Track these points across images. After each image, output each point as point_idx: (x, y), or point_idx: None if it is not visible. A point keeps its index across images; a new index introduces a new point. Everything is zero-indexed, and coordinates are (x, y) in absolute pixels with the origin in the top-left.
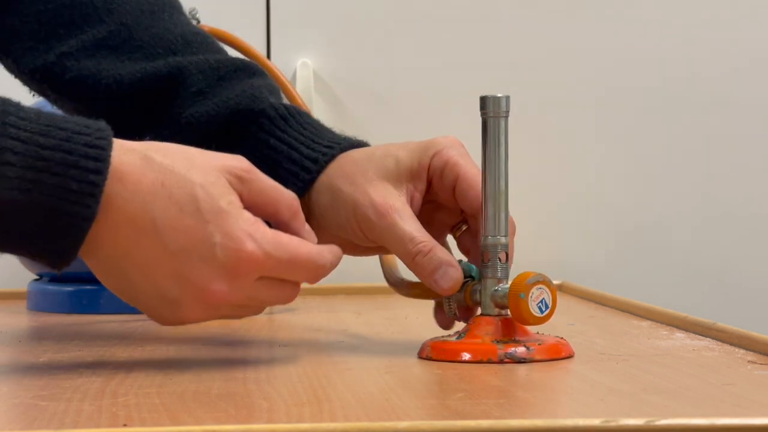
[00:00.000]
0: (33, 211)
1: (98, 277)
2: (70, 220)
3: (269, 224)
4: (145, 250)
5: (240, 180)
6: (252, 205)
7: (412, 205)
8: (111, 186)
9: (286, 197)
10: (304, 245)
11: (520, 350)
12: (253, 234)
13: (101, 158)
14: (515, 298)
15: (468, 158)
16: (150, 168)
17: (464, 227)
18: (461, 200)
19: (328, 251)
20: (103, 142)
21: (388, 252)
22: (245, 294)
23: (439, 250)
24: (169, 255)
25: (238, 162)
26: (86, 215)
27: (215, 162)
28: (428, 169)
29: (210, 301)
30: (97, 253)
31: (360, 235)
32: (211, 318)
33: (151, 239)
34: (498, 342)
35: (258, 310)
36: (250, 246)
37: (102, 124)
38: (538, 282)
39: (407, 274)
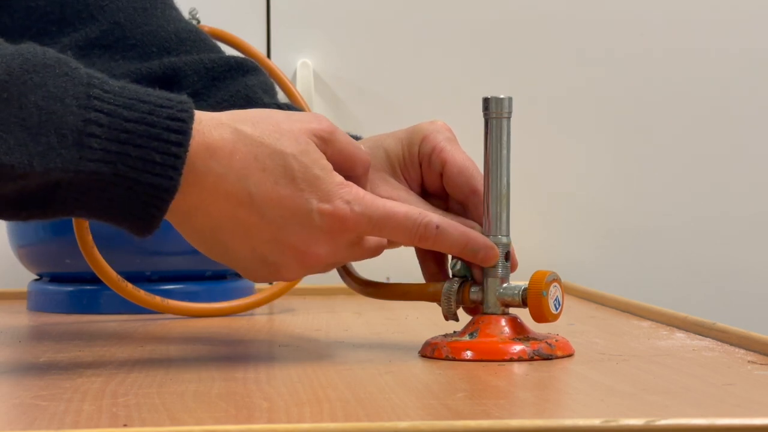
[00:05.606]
0: (117, 183)
1: (191, 242)
2: (153, 191)
3: None
4: (241, 220)
5: (324, 141)
6: (332, 163)
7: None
8: (203, 161)
9: (360, 155)
10: (400, 205)
11: (545, 347)
12: (345, 197)
13: (182, 131)
14: (537, 296)
15: (455, 143)
16: (241, 142)
17: None
18: (449, 186)
19: (431, 212)
20: (185, 115)
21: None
22: (343, 254)
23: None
24: (267, 223)
25: (321, 124)
26: (168, 187)
27: (302, 126)
28: (418, 155)
29: (310, 263)
30: (190, 223)
31: None
32: (308, 275)
33: (248, 210)
34: (519, 339)
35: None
36: (345, 209)
37: (184, 97)
38: (554, 280)
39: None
